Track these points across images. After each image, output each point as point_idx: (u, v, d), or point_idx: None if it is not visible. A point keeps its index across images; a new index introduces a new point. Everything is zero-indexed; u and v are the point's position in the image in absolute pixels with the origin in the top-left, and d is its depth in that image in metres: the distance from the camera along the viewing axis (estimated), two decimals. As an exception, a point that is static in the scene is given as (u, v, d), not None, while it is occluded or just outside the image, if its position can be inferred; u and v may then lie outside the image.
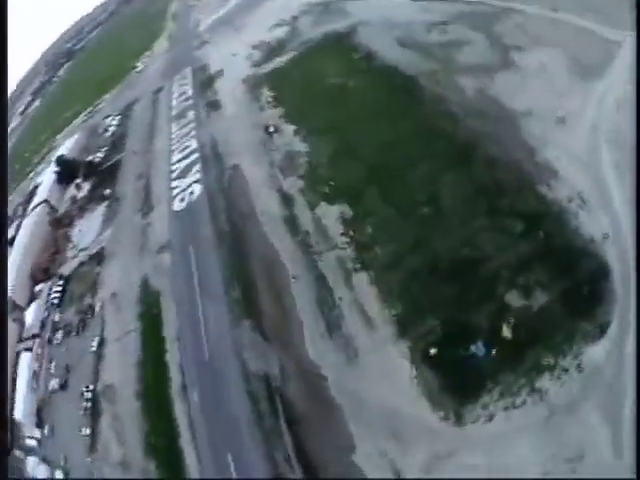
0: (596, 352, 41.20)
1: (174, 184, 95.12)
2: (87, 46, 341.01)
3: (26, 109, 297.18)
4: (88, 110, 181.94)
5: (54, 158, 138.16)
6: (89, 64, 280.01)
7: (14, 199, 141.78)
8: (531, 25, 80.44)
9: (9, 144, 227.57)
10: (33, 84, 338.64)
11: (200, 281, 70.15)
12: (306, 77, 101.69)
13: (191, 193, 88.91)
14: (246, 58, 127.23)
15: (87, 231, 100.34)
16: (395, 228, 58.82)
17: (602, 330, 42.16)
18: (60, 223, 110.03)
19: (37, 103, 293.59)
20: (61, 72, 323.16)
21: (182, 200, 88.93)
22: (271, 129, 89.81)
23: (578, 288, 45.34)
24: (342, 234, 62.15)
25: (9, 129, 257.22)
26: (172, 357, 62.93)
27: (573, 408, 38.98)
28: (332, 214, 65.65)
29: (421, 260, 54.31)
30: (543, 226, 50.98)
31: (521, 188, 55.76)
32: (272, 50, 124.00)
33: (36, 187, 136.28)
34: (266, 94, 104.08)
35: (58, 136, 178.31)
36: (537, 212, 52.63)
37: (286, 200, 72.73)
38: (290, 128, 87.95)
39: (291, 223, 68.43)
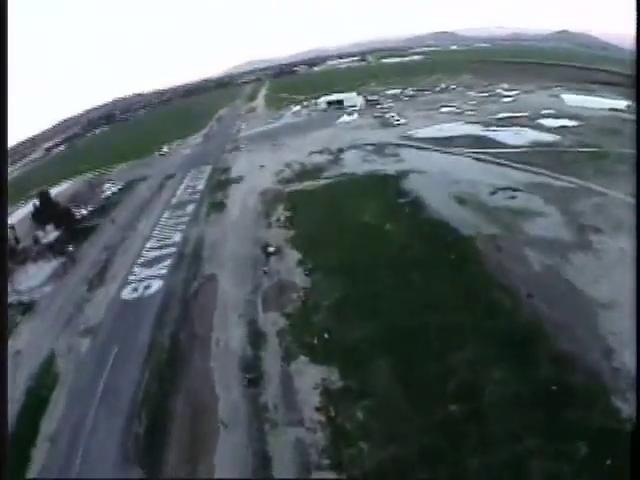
0: None
1: (135, 270, 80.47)
2: (129, 120, 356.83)
3: (51, 148, 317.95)
4: (99, 170, 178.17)
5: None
6: (122, 134, 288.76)
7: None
8: (611, 208, 69.90)
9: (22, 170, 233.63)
10: (67, 132, 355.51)
11: (105, 390, 52.31)
12: (334, 208, 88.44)
13: (147, 287, 73.21)
14: (274, 173, 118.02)
15: (32, 277, 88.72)
16: (402, 423, 39.99)
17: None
18: (13, 256, 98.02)
19: (62, 147, 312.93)
20: (97, 132, 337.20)
21: (134, 290, 73.19)
22: (271, 249, 75.05)
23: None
24: (317, 409, 43.19)
25: (29, 158, 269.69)
26: (38, 457, 45.32)
27: None
28: (311, 377, 47.42)
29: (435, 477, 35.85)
30: (613, 450, 33.74)
31: (592, 399, 39.06)
32: (305, 173, 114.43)
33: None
34: (280, 212, 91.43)
35: (62, 182, 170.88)
36: (607, 432, 35.68)
37: (255, 338, 55.03)
38: (295, 255, 72.76)
39: (249, 369, 50.22)
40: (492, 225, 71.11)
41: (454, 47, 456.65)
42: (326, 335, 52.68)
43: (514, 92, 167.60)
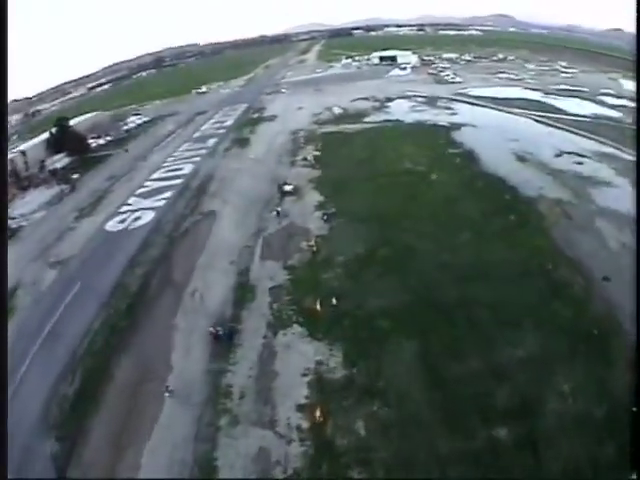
0: None
1: (131, 200, 68.87)
2: (178, 65, 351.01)
3: (94, 87, 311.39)
4: (132, 106, 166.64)
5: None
6: (167, 77, 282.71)
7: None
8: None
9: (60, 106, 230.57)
10: (115, 73, 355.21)
11: (48, 337, 40.70)
12: (371, 151, 74.44)
13: (136, 219, 61.49)
14: (311, 115, 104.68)
15: (28, 203, 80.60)
16: (422, 446, 25.93)
17: None
18: (18, 181, 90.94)
19: (106, 87, 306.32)
20: (144, 74, 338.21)
21: (122, 222, 61.63)
22: (287, 188, 61.43)
23: None
24: (299, 408, 28.83)
25: (70, 96, 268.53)
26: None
27: None
28: (301, 357, 33.40)
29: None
30: None
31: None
32: (346, 116, 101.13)
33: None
34: (309, 151, 77.86)
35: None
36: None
37: (242, 293, 41.33)
38: (315, 197, 59.11)
39: (218, 327, 36.69)
40: (558, 189, 58.23)
41: (512, 29, 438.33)
42: (334, 300, 38.22)
43: (573, 70, 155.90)
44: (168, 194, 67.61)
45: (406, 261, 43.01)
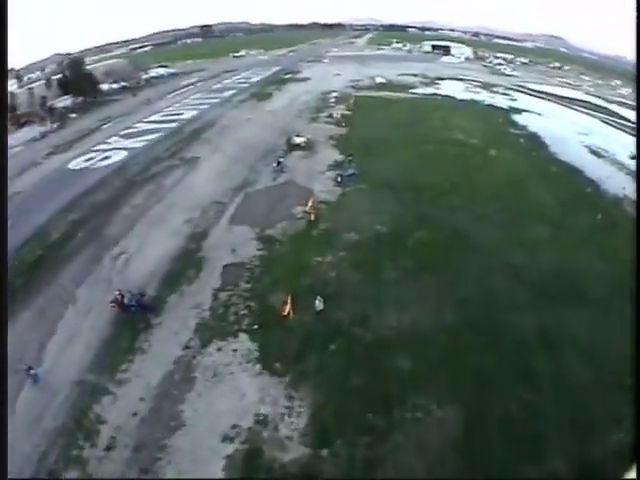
0: None
1: (111, 140, 57.95)
2: (223, 37, 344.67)
3: (136, 49, 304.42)
4: (165, 63, 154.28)
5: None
6: (211, 45, 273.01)
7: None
8: None
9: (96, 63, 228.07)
10: (160, 39, 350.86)
11: None
12: (416, 119, 61.82)
13: (105, 158, 50.26)
14: (349, 80, 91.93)
15: (16, 139, 70.29)
16: None
17: None
18: (13, 118, 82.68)
19: (147, 49, 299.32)
20: (188, 41, 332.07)
21: (87, 160, 50.51)
22: (297, 140, 48.11)
23: None
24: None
25: (111, 54, 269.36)
26: None
27: None
28: (234, 404, 18.42)
29: None
30: None
31: None
32: (389, 86, 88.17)
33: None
34: (338, 110, 64.82)
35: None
36: None
37: (180, 269, 27.32)
38: (332, 155, 45.60)
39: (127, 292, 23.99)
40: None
41: (563, 49, 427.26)
42: (319, 303, 23.01)
43: (627, 89, 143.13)
44: (154, 136, 56.21)
45: (454, 254, 28.50)
